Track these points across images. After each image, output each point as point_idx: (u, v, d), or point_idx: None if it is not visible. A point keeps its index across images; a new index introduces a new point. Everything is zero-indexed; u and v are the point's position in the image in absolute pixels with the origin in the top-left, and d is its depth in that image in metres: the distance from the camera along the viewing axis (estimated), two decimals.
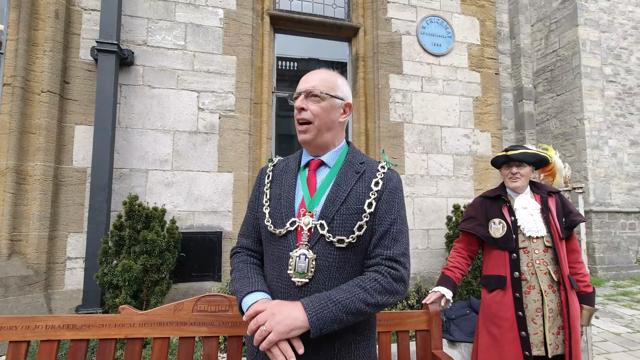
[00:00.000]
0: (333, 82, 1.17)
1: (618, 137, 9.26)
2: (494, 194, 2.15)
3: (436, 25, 4.77)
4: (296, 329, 0.95)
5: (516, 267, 1.95)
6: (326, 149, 1.20)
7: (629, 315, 4.93)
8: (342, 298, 0.98)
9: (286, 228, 1.10)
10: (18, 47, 3.38)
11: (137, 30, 3.80)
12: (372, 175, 1.16)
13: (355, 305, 0.98)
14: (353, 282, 1.03)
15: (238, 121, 3.97)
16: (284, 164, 1.27)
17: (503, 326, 1.93)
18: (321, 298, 0.98)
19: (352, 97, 1.25)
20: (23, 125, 3.35)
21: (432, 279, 4.22)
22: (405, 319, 1.92)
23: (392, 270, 1.05)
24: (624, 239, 8.58)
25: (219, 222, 3.79)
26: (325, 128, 1.16)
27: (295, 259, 1.07)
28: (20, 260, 3.22)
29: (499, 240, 2.02)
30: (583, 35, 8.65)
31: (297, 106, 1.16)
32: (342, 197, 1.10)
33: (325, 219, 1.08)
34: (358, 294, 0.99)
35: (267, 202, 1.20)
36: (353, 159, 1.20)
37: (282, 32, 4.74)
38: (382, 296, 1.02)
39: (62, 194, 3.44)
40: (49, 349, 1.64)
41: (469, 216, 2.20)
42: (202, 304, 1.77)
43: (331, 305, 0.97)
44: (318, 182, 1.17)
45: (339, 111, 1.18)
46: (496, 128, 4.82)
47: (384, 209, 1.11)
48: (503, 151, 2.12)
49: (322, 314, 0.96)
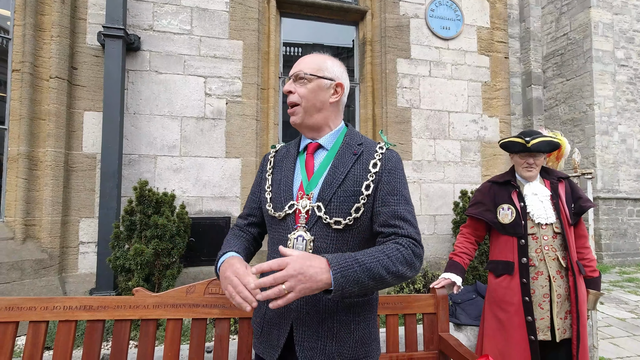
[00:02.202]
0: (320, 63, 1.17)
1: (628, 123, 9.11)
2: (502, 179, 2.13)
3: (445, 7, 4.67)
4: (319, 290, 0.91)
5: (524, 253, 1.95)
6: (321, 130, 1.20)
7: (634, 301, 4.96)
8: (367, 261, 0.96)
9: (285, 211, 1.12)
10: (25, 32, 3.37)
11: (143, 14, 3.77)
12: (370, 156, 1.15)
13: (378, 271, 0.96)
14: (376, 248, 1.02)
15: (245, 107, 3.96)
16: (286, 150, 1.29)
17: (509, 311, 1.94)
18: (347, 257, 0.95)
19: (346, 78, 1.23)
20: (33, 111, 3.37)
21: (439, 264, 4.26)
22: (412, 302, 1.95)
23: (412, 245, 1.03)
24: (631, 226, 8.54)
25: (227, 207, 3.83)
26: (314, 109, 1.16)
27: (293, 240, 1.09)
28: (34, 245, 3.30)
29: (507, 226, 2.01)
30: (595, 18, 8.43)
31: (285, 90, 1.18)
32: (339, 179, 1.11)
33: (323, 201, 1.09)
34: (382, 260, 0.97)
35: (269, 187, 1.22)
36: (351, 141, 1.19)
37: (288, 16, 4.67)
38: (403, 266, 1.00)
39: (73, 179, 3.49)
40: (67, 329, 1.70)
41: (477, 201, 2.17)
42: (213, 287, 1.82)
43: (356, 266, 0.94)
44: (316, 165, 1.18)
45: (328, 92, 1.17)
46: (505, 113, 4.77)
47: (386, 190, 1.10)
48: (518, 137, 2.04)
49: (347, 272, 0.92)
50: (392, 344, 1.88)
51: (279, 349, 1.09)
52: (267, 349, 1.13)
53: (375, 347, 1.15)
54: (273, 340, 1.12)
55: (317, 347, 1.06)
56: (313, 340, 1.06)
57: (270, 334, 1.13)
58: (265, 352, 1.13)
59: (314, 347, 1.06)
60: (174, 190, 3.64)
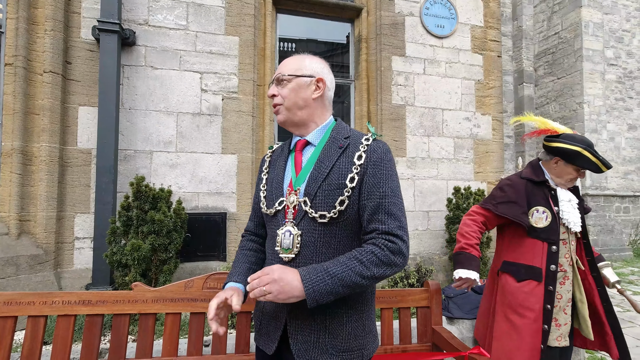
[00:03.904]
0: (298, 63, 1.20)
1: (617, 122, 9.29)
2: (538, 178, 1.97)
3: (440, 6, 4.71)
4: (293, 298, 0.99)
5: (554, 260, 1.88)
6: (307, 127, 1.22)
7: (619, 295, 5.08)
8: (338, 271, 1.00)
9: (275, 208, 1.17)
10: (18, 25, 3.33)
11: (138, 9, 3.75)
12: (355, 149, 1.15)
13: (351, 279, 1.00)
14: (350, 254, 1.04)
15: (241, 103, 3.97)
16: (280, 149, 1.33)
17: (527, 317, 1.87)
18: (318, 270, 1.01)
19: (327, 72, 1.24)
20: (27, 106, 3.34)
21: (432, 259, 4.33)
22: (406, 296, 2.00)
23: (389, 243, 1.04)
24: (618, 222, 8.74)
25: (223, 203, 3.85)
26: (296, 107, 1.18)
27: (281, 235, 1.12)
28: (29, 240, 3.28)
29: (540, 230, 1.90)
30: (586, 17, 8.54)
31: (269, 94, 1.22)
32: (324, 173, 1.12)
33: (308, 195, 1.11)
34: (355, 267, 1.01)
35: (264, 186, 1.26)
36: (337, 135, 1.20)
37: (284, 12, 4.67)
38: (379, 268, 1.02)
39: (68, 175, 3.47)
40: (66, 323, 1.71)
41: (510, 200, 1.95)
42: (211, 282, 1.85)
43: (327, 278, 0.99)
44: (304, 161, 1.20)
45: (309, 88, 1.19)
46: (497, 111, 4.84)
47: (371, 182, 1.09)
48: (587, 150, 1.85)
49: (318, 287, 0.98)
50: (386, 337, 1.93)
51: (276, 341, 1.13)
52: (266, 342, 1.17)
53: (370, 340, 1.16)
54: (270, 333, 1.16)
55: (310, 340, 1.09)
56: (306, 334, 1.09)
57: (268, 327, 1.17)
58: (264, 345, 1.18)
59: (307, 340, 1.09)
60: (170, 186, 3.64)
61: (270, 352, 1.14)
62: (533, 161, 2.09)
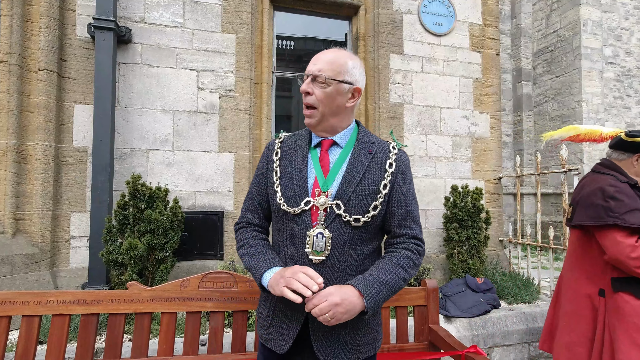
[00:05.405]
0: (341, 65, 1.13)
1: (615, 120, 9.29)
2: (632, 182, 1.83)
3: (438, 3, 4.69)
4: (355, 313, 1.03)
5: None
6: (334, 131, 1.20)
7: None
8: (389, 280, 1.08)
9: (301, 207, 1.13)
10: (13, 22, 3.30)
11: (134, 6, 3.72)
12: (384, 155, 1.19)
13: (398, 284, 1.10)
14: (391, 261, 1.12)
15: (238, 101, 3.95)
16: (292, 141, 1.26)
17: None
18: (373, 282, 1.06)
19: (364, 80, 1.22)
20: (22, 104, 3.31)
21: (429, 258, 4.33)
22: (403, 295, 2.00)
23: (418, 247, 1.16)
24: None
25: (220, 202, 3.83)
26: (330, 114, 1.15)
27: (312, 238, 1.10)
28: (25, 239, 3.27)
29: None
30: (585, 15, 8.54)
31: (303, 90, 1.16)
32: (357, 178, 1.13)
33: (342, 199, 1.11)
34: (399, 273, 1.10)
35: (278, 179, 1.19)
36: (364, 139, 1.21)
37: (281, 9, 4.65)
38: (413, 271, 1.14)
39: (63, 173, 3.45)
40: (61, 323, 1.70)
41: (634, 207, 1.71)
42: (207, 281, 1.84)
43: (382, 287, 1.06)
44: (331, 162, 1.18)
45: (346, 96, 1.16)
46: (495, 110, 4.83)
47: (400, 191, 1.17)
48: None
49: (377, 297, 1.05)
50: (383, 336, 1.93)
51: (291, 341, 1.12)
52: (277, 341, 1.15)
53: (381, 332, 1.24)
54: (284, 333, 1.14)
55: (331, 335, 1.11)
56: (328, 330, 1.10)
57: (281, 326, 1.15)
58: (274, 344, 1.15)
59: (328, 335, 1.11)
60: (167, 185, 3.62)
61: (283, 351, 1.13)
62: (606, 162, 1.96)
